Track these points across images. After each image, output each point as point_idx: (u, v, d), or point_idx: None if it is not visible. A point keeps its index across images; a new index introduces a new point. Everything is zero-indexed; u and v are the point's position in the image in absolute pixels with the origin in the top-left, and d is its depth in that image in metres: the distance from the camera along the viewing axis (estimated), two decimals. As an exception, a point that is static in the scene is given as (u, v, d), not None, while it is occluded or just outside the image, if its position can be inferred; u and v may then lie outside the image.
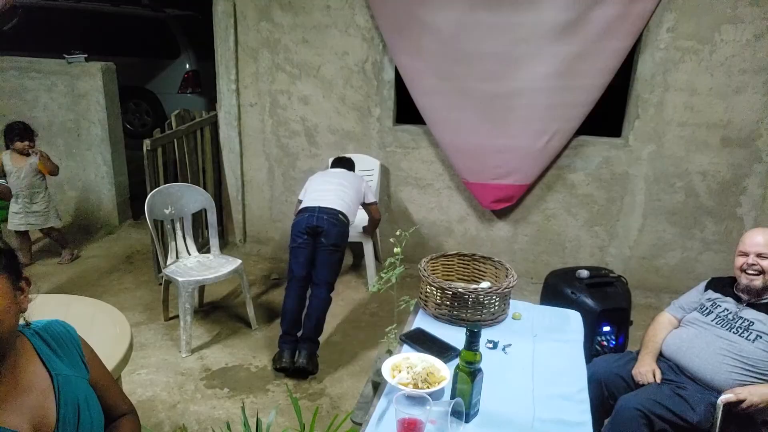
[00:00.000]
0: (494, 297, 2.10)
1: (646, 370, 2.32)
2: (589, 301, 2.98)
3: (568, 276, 3.18)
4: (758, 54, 3.66)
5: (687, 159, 3.96)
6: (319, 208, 3.33)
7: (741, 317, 2.28)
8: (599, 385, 2.38)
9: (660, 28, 3.74)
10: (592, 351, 2.98)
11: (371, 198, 3.69)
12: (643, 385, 2.32)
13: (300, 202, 3.54)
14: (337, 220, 3.32)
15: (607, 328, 3.02)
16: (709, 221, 4.07)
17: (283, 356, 3.21)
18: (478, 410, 1.66)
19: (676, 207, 4.07)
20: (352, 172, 3.75)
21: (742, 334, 2.23)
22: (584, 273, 3.13)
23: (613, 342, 3.05)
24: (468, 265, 2.38)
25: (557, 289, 3.15)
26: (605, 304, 2.98)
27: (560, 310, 2.39)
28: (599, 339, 3.03)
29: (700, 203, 4.03)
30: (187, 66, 7.00)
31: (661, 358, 2.42)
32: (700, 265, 4.14)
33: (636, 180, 4.07)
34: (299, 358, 3.20)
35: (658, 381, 2.28)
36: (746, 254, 2.30)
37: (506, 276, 2.21)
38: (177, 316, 3.52)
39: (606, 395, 2.39)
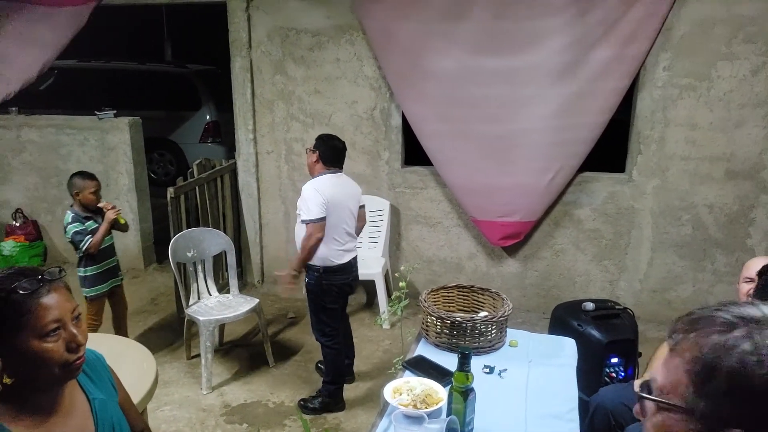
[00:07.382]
0: (491, 325, 2.20)
1: None
2: (595, 333, 3.01)
3: (574, 309, 3.22)
4: (756, 88, 3.76)
5: (692, 192, 4.02)
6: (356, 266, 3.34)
7: None
8: (606, 414, 2.40)
9: (656, 67, 3.87)
10: (601, 382, 3.00)
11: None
12: None
13: (322, 221, 3.08)
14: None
15: (615, 360, 3.04)
16: (720, 253, 4.09)
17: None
18: (472, 428, 1.74)
19: (685, 240, 4.11)
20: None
21: None
22: (590, 305, 3.16)
23: (622, 374, 3.06)
24: (467, 296, 2.48)
25: (564, 322, 3.19)
26: (612, 336, 3.00)
27: (556, 337, 2.46)
28: (608, 371, 3.05)
29: (709, 235, 4.07)
30: (208, 117, 7.31)
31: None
32: (713, 298, 4.14)
33: (642, 214, 4.13)
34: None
35: None
36: (753, 280, 2.33)
37: (502, 305, 2.31)
38: (199, 355, 3.64)
39: (613, 424, 2.41)
